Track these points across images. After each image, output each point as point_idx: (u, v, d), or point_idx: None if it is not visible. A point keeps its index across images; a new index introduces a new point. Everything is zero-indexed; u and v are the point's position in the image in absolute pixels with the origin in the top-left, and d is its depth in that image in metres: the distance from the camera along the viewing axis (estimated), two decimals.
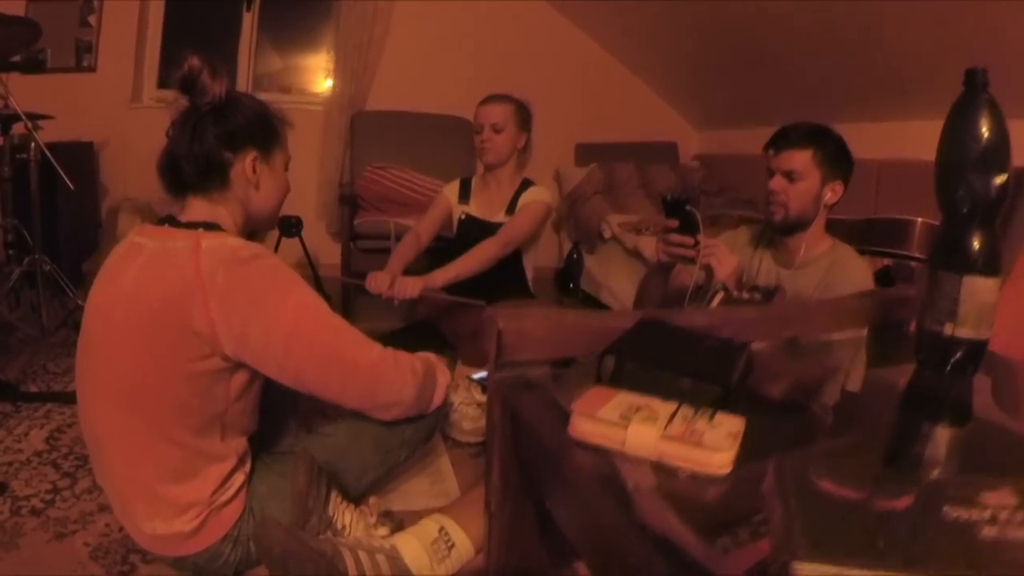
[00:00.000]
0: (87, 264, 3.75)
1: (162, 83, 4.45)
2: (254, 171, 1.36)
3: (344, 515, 1.36)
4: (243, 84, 4.53)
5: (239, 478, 1.32)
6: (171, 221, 1.30)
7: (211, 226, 1.28)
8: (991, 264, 0.83)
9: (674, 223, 1.64)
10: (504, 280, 2.44)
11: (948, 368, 0.84)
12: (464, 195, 2.61)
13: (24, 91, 2.86)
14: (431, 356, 1.59)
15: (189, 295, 1.17)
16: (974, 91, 0.84)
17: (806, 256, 1.82)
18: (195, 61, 1.29)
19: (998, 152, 0.83)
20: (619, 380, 0.66)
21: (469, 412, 2.04)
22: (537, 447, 0.67)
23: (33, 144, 2.93)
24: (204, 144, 1.30)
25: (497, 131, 2.47)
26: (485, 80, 4.41)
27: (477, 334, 2.20)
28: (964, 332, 0.83)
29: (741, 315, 0.95)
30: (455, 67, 4.47)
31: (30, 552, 1.51)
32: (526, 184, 2.53)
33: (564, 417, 0.61)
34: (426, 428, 1.58)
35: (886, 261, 2.49)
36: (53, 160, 2.85)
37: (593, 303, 3.63)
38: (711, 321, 0.86)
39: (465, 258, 2.31)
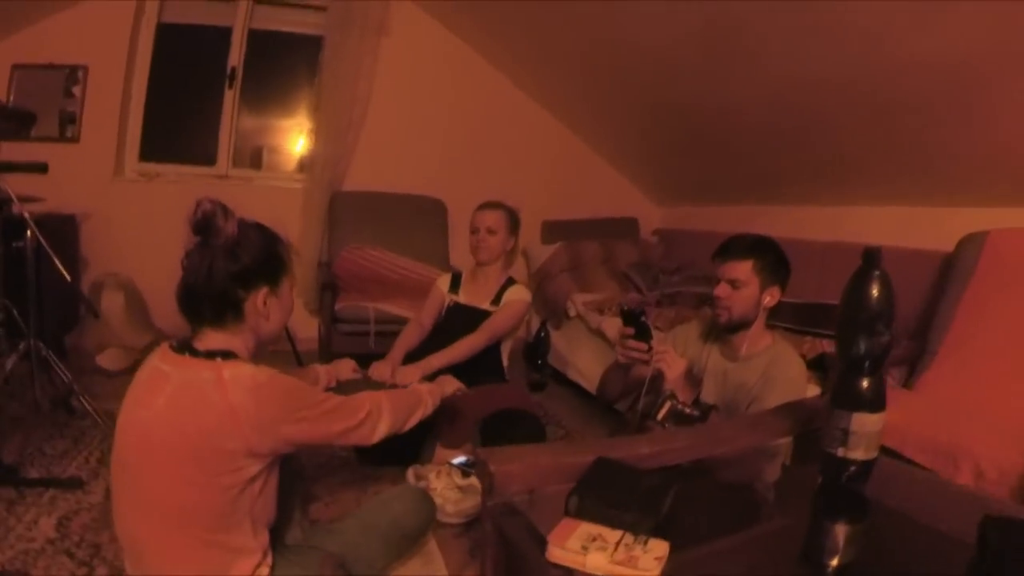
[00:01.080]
0: (69, 338, 3.85)
1: (144, 156, 4.59)
2: (265, 304, 1.52)
3: None
4: (223, 160, 4.69)
5: (264, 571, 1.48)
6: (190, 350, 1.45)
7: (228, 355, 1.44)
8: (876, 403, 1.07)
9: (630, 331, 1.90)
10: (483, 366, 2.69)
11: (843, 481, 1.08)
12: (455, 286, 2.92)
13: (7, 158, 2.90)
14: (418, 388, 1.97)
15: (223, 425, 1.35)
16: (869, 267, 1.10)
17: (749, 351, 2.05)
18: (208, 205, 1.47)
19: (885, 316, 1.08)
20: (581, 514, 0.92)
21: (451, 496, 2.21)
22: (522, 566, 0.89)
23: (29, 232, 3.04)
24: (219, 284, 1.45)
25: (491, 233, 2.78)
26: (458, 162, 4.72)
27: (456, 417, 2.41)
28: (855, 455, 1.06)
29: (679, 441, 1.18)
30: (429, 149, 4.73)
31: None
32: (510, 281, 2.84)
33: (542, 541, 0.85)
34: (425, 524, 1.85)
35: (824, 344, 2.74)
36: (50, 250, 2.96)
37: (561, 379, 3.84)
38: (653, 449, 1.08)
39: (455, 347, 2.59)
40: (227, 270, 1.46)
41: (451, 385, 2.23)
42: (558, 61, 4.40)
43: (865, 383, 1.07)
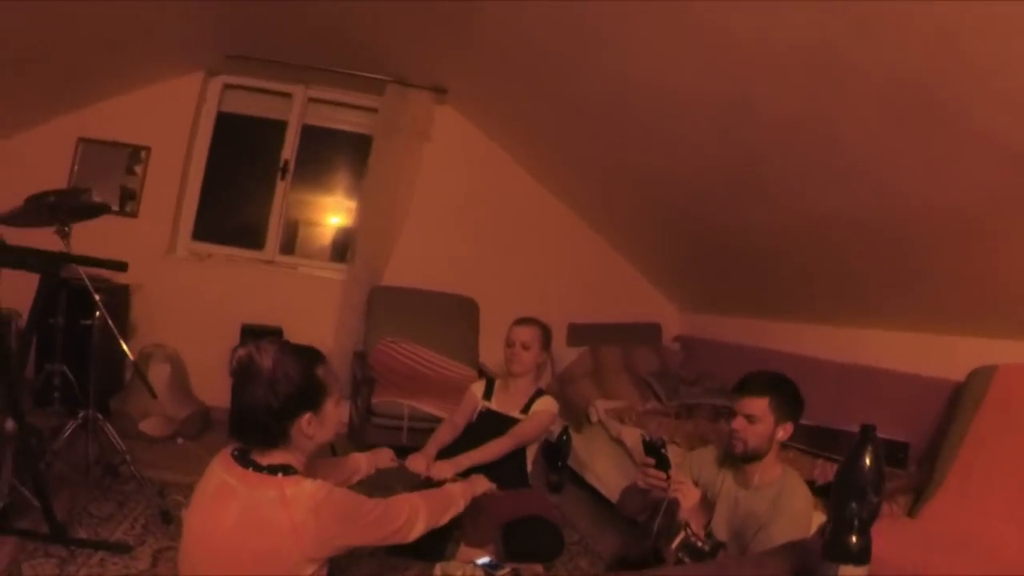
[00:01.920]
0: (113, 401, 4.02)
1: (197, 236, 4.92)
2: (309, 425, 1.68)
3: None
4: (271, 246, 4.99)
5: None
6: (253, 464, 1.64)
7: (287, 469, 1.63)
8: (862, 557, 1.23)
9: (651, 461, 2.09)
10: (508, 469, 2.84)
11: None
12: (488, 394, 3.10)
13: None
14: (451, 489, 2.15)
15: (286, 541, 1.54)
16: (864, 442, 1.26)
17: (760, 481, 2.20)
18: (242, 352, 1.64)
19: (875, 484, 1.24)
20: None
21: None
22: None
23: (98, 313, 3.24)
24: (263, 420, 1.63)
25: (525, 348, 2.97)
26: (491, 262, 4.96)
27: (480, 518, 2.57)
28: None
29: None
30: (464, 248, 5.00)
31: None
32: (540, 392, 3.01)
33: None
34: None
35: (835, 469, 2.86)
36: (116, 332, 3.12)
37: (579, 481, 3.96)
38: None
39: (485, 448, 2.77)
40: (268, 406, 1.61)
41: (482, 485, 2.38)
42: (588, 173, 4.69)
43: (854, 539, 1.23)
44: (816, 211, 3.15)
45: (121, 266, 2.63)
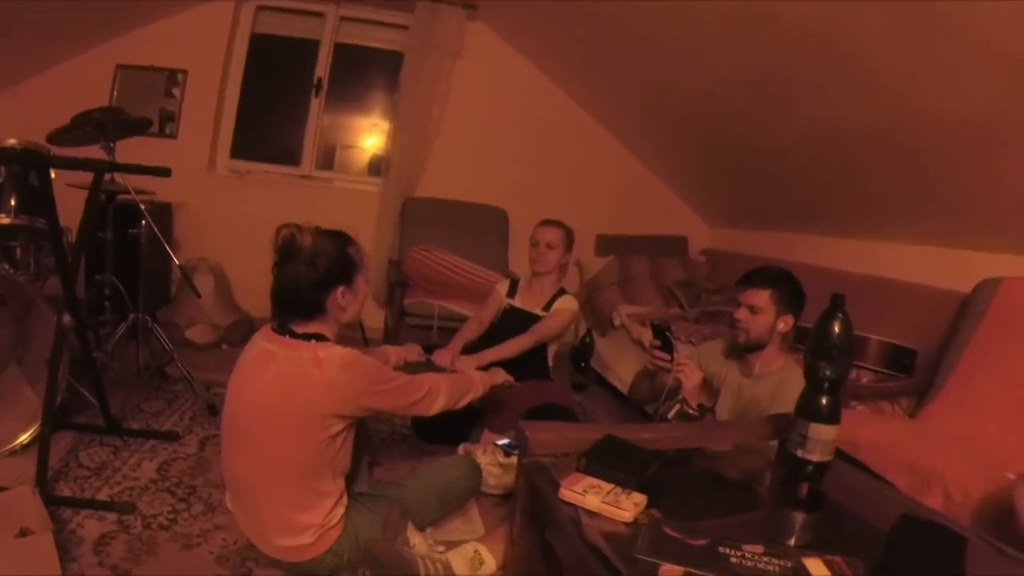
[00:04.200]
0: (161, 313, 4.28)
1: (235, 154, 5.08)
2: (343, 297, 1.90)
3: (415, 538, 1.89)
4: (307, 162, 5.15)
5: (340, 509, 1.90)
6: (290, 332, 1.85)
7: (320, 337, 1.85)
8: (832, 416, 1.36)
9: (658, 342, 2.25)
10: (530, 364, 3.06)
11: (799, 477, 1.38)
12: (512, 291, 3.29)
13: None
14: (472, 375, 2.37)
15: (320, 394, 1.76)
16: (834, 309, 1.38)
17: (762, 370, 2.35)
18: (286, 230, 1.83)
19: (844, 349, 1.36)
20: (586, 470, 1.31)
21: (494, 471, 2.57)
22: (543, 502, 1.25)
23: (144, 222, 3.48)
24: (304, 291, 1.84)
25: (550, 248, 3.13)
26: (522, 175, 5.07)
27: (503, 407, 2.78)
28: (811, 456, 1.36)
29: (675, 432, 1.52)
30: (496, 162, 5.10)
31: (166, 558, 2.03)
32: (561, 291, 3.18)
33: (556, 486, 1.21)
34: (473, 488, 2.31)
35: None
36: (162, 239, 3.34)
37: (602, 382, 4.16)
38: (653, 435, 1.43)
39: (507, 344, 2.97)
40: (308, 279, 1.82)
41: (501, 376, 2.59)
42: (617, 89, 4.73)
43: (824, 400, 1.36)
44: (835, 123, 3.21)
45: (164, 171, 2.77)
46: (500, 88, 5.10)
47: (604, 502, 1.27)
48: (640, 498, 1.30)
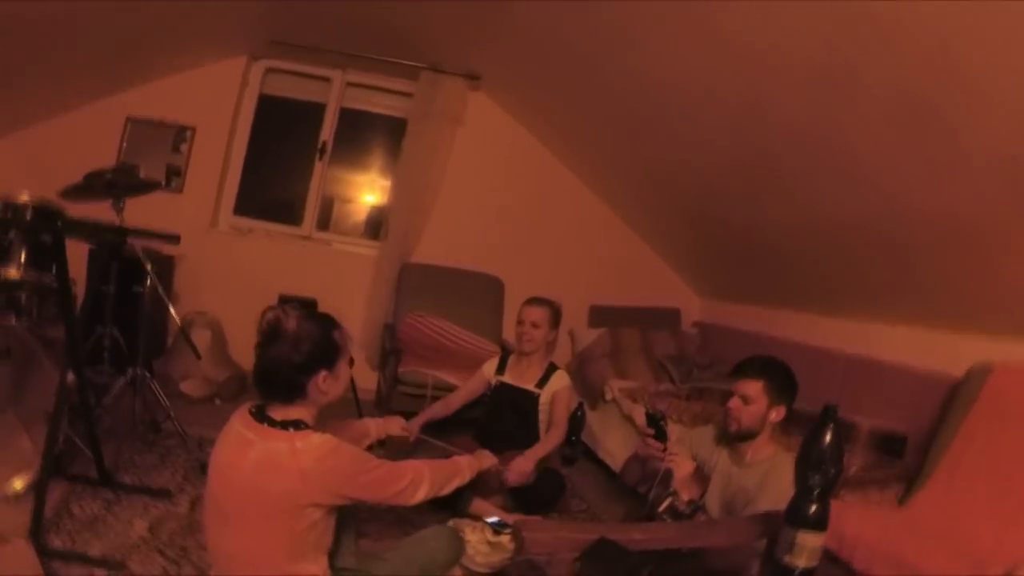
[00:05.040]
0: (157, 365, 4.29)
1: (238, 211, 5.17)
2: (324, 382, 1.89)
3: None
4: (308, 223, 5.24)
5: None
6: (268, 420, 1.85)
7: (298, 424, 1.84)
8: (820, 524, 1.41)
9: (651, 431, 2.29)
10: (523, 438, 3.14)
11: None
12: (501, 369, 3.32)
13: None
14: (459, 460, 2.32)
15: (295, 486, 1.76)
16: (825, 420, 1.44)
17: (752, 458, 2.37)
18: (271, 314, 1.85)
19: (834, 460, 1.41)
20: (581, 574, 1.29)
21: (481, 549, 2.56)
22: None
23: (149, 282, 3.53)
24: (285, 374, 1.84)
25: (535, 327, 3.17)
26: (517, 243, 5.15)
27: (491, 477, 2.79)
28: (797, 563, 1.40)
29: (664, 532, 1.56)
30: (492, 230, 5.20)
31: None
32: (552, 367, 3.23)
33: None
34: (455, 558, 2.26)
35: None
36: (167, 300, 3.41)
37: (591, 456, 4.16)
38: (644, 536, 1.46)
39: (546, 440, 3.12)
40: (291, 361, 1.83)
41: (488, 460, 2.55)
42: (613, 163, 4.87)
43: (812, 508, 1.41)
44: (826, 210, 3.30)
45: (174, 239, 2.84)
46: (499, 157, 5.23)
47: None
48: None
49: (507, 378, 3.27)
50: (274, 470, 1.77)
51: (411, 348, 4.33)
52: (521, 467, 2.90)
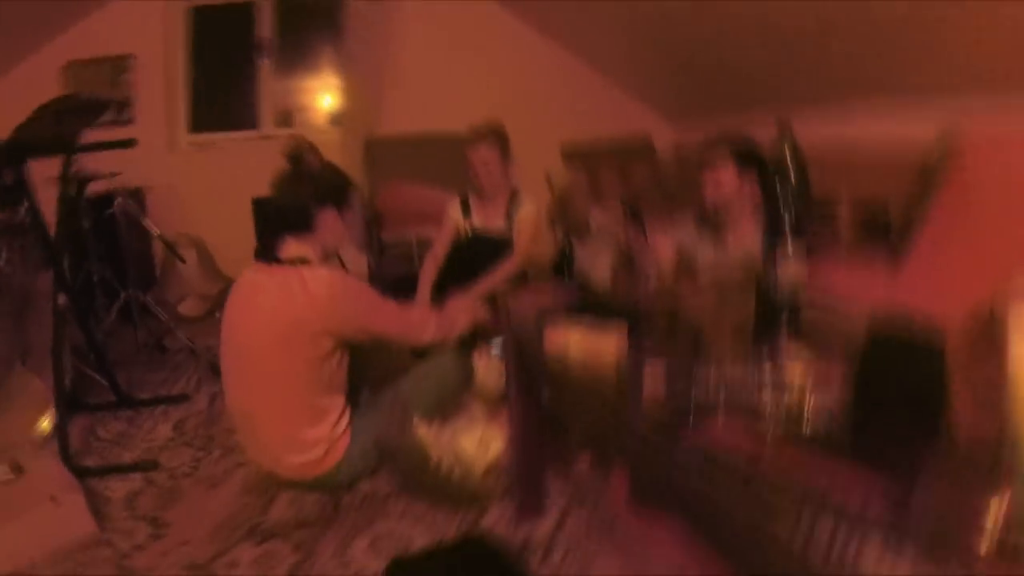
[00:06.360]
0: (151, 295, 4.31)
1: (194, 128, 5.08)
2: (334, 220, 1.97)
3: (421, 429, 1.98)
4: (266, 123, 5.15)
5: (344, 422, 1.98)
6: (276, 259, 1.91)
7: (304, 261, 1.90)
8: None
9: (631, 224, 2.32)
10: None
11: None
12: (466, 211, 3.23)
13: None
14: (458, 305, 2.41)
15: (307, 314, 1.83)
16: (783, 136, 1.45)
17: (735, 244, 2.42)
18: (298, 140, 1.95)
19: (799, 173, 1.44)
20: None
21: (492, 373, 2.64)
22: (532, 357, 1.35)
23: (118, 200, 3.53)
24: (301, 198, 1.92)
25: (487, 165, 3.05)
26: (483, 98, 5.02)
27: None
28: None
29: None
30: (455, 90, 5.08)
31: (194, 500, 2.14)
32: (515, 195, 3.14)
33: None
34: (465, 377, 2.38)
35: None
36: (137, 208, 3.39)
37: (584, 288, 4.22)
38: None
39: (495, 274, 3.01)
40: (307, 190, 1.92)
41: (481, 313, 2.53)
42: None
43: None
44: None
45: (129, 143, 2.80)
46: (449, 13, 5.07)
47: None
48: (618, 328, 1.38)
49: (476, 222, 3.18)
50: (287, 299, 1.84)
51: (391, 216, 4.35)
52: (461, 304, 2.58)
